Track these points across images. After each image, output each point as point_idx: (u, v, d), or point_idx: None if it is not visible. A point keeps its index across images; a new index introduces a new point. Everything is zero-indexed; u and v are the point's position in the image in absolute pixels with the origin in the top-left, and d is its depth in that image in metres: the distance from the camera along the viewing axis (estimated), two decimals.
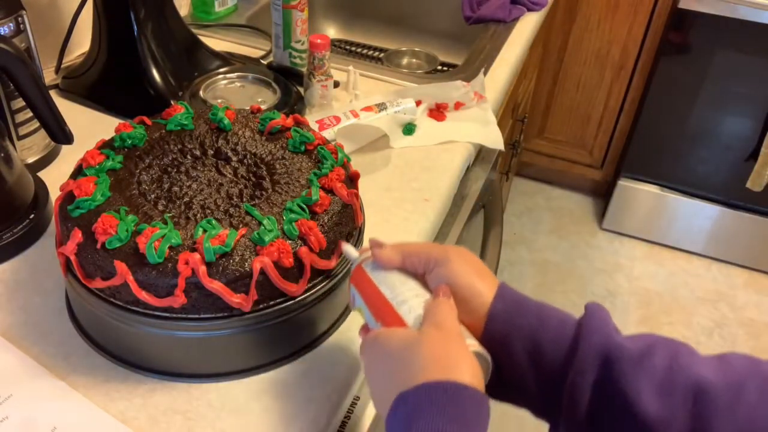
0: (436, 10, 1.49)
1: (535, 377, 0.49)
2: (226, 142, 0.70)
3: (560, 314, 0.50)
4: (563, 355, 0.48)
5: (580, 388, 0.47)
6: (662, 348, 0.47)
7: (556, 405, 0.48)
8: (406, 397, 0.43)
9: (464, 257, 0.53)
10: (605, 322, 0.49)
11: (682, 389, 0.44)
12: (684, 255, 2.19)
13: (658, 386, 0.45)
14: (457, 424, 0.41)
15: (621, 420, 0.46)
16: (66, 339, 0.65)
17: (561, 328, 0.49)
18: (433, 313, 0.48)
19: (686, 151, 1.99)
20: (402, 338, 0.47)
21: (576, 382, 0.47)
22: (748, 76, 1.81)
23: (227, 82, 1.01)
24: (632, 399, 0.45)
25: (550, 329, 0.49)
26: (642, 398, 0.44)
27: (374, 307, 0.53)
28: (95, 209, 0.60)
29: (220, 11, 1.30)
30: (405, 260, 0.54)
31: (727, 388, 0.44)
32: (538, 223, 2.30)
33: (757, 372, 0.45)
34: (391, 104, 0.98)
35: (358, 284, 0.55)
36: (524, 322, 0.49)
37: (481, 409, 0.43)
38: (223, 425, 0.59)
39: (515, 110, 1.59)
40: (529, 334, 0.49)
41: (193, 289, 0.56)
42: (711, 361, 0.47)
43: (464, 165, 0.96)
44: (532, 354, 0.49)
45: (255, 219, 0.60)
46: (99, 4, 0.95)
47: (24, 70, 0.74)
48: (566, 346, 0.48)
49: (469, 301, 0.50)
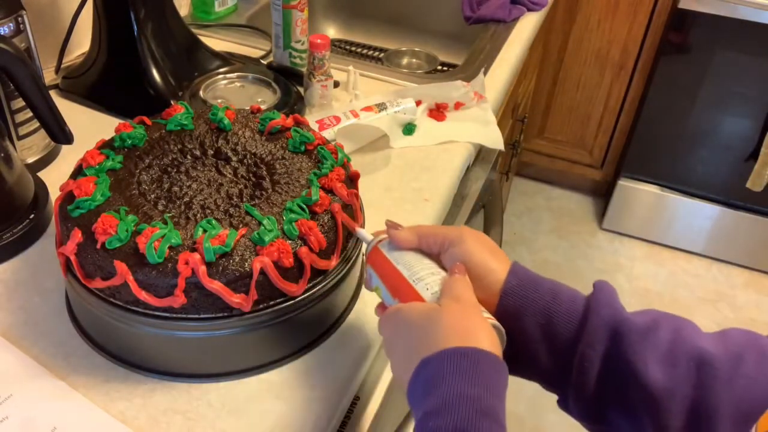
0: (436, 10, 1.49)
1: (546, 350, 0.51)
2: (226, 142, 0.70)
3: (571, 291, 0.52)
4: (574, 329, 0.50)
5: (589, 360, 0.49)
6: (666, 322, 0.49)
7: (565, 376, 0.50)
8: (428, 362, 0.45)
9: (478, 237, 0.55)
10: (613, 297, 0.51)
11: (685, 360, 0.47)
12: (684, 255, 2.19)
13: (663, 358, 0.47)
14: (477, 388, 0.43)
15: (628, 390, 0.48)
16: (66, 339, 0.65)
17: (572, 303, 0.51)
18: (451, 288, 0.50)
19: (686, 151, 1.99)
20: (423, 310, 0.50)
21: (586, 354, 0.49)
22: (748, 76, 1.81)
23: (227, 82, 1.01)
24: (639, 370, 0.47)
25: (562, 304, 0.51)
26: (648, 369, 0.47)
27: (392, 286, 0.55)
28: (95, 209, 0.60)
29: (220, 11, 1.30)
30: (420, 241, 0.56)
31: (727, 359, 0.46)
32: (538, 223, 2.30)
33: (756, 345, 0.47)
34: (391, 104, 0.98)
35: (375, 264, 0.57)
36: (537, 297, 0.51)
37: (501, 374, 0.45)
38: (223, 425, 0.59)
39: (515, 110, 1.59)
40: (542, 308, 0.51)
41: (193, 289, 0.56)
42: (712, 335, 0.49)
43: (464, 165, 0.96)
44: (544, 328, 0.51)
45: (255, 219, 0.60)
46: (99, 4, 0.95)
47: (24, 70, 0.74)
48: (577, 320, 0.50)
49: (483, 278, 0.52)
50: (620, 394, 0.48)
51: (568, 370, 0.50)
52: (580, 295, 0.52)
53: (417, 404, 0.45)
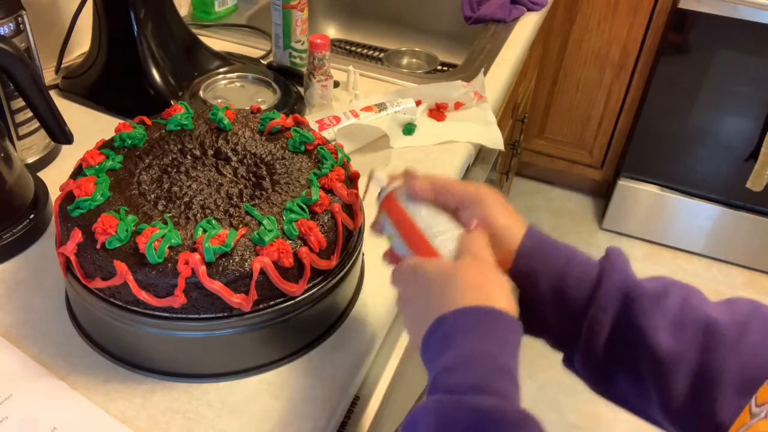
0: (436, 10, 1.49)
1: (557, 312, 0.52)
2: (226, 142, 0.70)
3: (584, 255, 0.53)
4: (587, 292, 0.51)
5: (600, 323, 0.50)
6: (676, 289, 0.50)
7: (574, 338, 0.51)
8: (445, 320, 0.46)
9: (496, 198, 0.55)
10: (626, 263, 0.52)
11: (693, 326, 0.48)
12: (684, 255, 2.18)
13: (672, 323, 0.48)
14: (492, 345, 0.44)
15: (636, 353, 0.49)
16: (66, 339, 0.65)
17: (586, 267, 0.52)
18: (469, 244, 0.51)
19: (686, 150, 1.99)
20: (440, 267, 0.50)
21: (597, 316, 0.50)
22: (748, 76, 1.81)
23: (227, 82, 1.01)
24: (648, 334, 0.48)
25: (576, 267, 0.51)
26: (657, 334, 0.48)
27: (407, 237, 0.55)
28: (95, 209, 0.60)
29: (220, 11, 1.30)
30: (438, 195, 0.55)
31: (733, 326, 0.47)
32: (538, 223, 2.29)
33: (760, 314, 0.48)
34: (391, 104, 0.98)
35: (390, 212, 0.57)
36: (552, 260, 0.52)
37: (516, 333, 0.46)
38: (223, 425, 0.59)
39: (515, 110, 1.59)
40: (556, 271, 0.51)
41: (193, 289, 0.56)
42: (719, 303, 0.50)
43: (464, 165, 0.96)
44: (556, 290, 0.51)
45: (255, 219, 0.60)
46: (99, 4, 0.95)
47: (24, 70, 0.74)
48: (590, 284, 0.51)
49: (499, 238, 0.53)
50: (628, 358, 0.49)
51: (578, 331, 0.51)
52: (594, 260, 0.53)
53: (431, 361, 0.46)
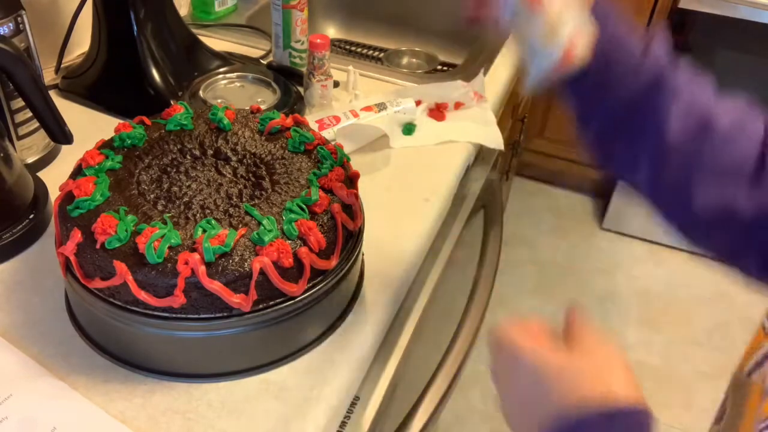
0: (436, 10, 1.49)
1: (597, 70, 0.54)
2: (226, 142, 0.70)
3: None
4: (634, 61, 0.54)
5: (626, 89, 0.54)
6: (692, 85, 0.56)
7: (599, 100, 0.56)
8: (570, 420, 0.41)
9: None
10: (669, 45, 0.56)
11: (695, 120, 0.53)
12: (684, 255, 2.18)
13: (682, 113, 0.53)
14: None
15: (644, 133, 0.54)
16: (66, 339, 0.65)
17: (638, 39, 0.55)
18: (576, 337, 0.46)
19: None
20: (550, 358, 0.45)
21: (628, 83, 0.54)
22: (748, 76, 1.81)
23: (227, 82, 1.01)
24: (660, 120, 0.53)
25: (633, 35, 0.55)
26: (669, 120, 0.53)
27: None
28: (95, 209, 0.60)
29: (220, 11, 1.30)
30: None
31: (728, 125, 0.54)
32: (538, 223, 2.30)
33: (752, 115, 0.57)
34: (391, 104, 0.98)
35: None
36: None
37: (646, 428, 0.42)
38: (223, 425, 0.59)
39: (515, 110, 1.59)
40: (610, 36, 0.54)
41: (193, 289, 0.56)
42: (724, 103, 0.57)
43: (464, 165, 0.96)
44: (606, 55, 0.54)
45: (254, 219, 0.60)
46: (99, 4, 0.95)
47: (24, 70, 0.74)
48: (637, 55, 0.54)
49: None
50: (634, 134, 0.54)
51: (603, 94, 0.55)
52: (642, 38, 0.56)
53: None
